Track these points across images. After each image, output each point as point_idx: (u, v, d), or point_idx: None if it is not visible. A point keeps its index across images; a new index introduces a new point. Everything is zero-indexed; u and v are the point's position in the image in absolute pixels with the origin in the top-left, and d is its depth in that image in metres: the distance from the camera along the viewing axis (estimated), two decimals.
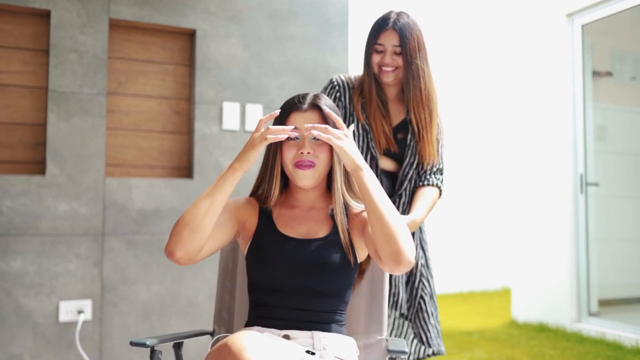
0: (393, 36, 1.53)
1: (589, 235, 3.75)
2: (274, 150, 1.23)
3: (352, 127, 1.22)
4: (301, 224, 1.25)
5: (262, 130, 1.15)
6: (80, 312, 2.22)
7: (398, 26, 1.53)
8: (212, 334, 1.40)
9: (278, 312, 1.19)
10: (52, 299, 2.19)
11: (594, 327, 3.60)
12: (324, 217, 1.25)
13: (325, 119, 1.20)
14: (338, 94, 1.63)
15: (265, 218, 1.25)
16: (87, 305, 2.24)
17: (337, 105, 1.64)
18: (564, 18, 3.88)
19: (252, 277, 1.23)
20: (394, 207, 1.12)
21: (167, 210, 2.39)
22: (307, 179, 1.20)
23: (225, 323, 1.40)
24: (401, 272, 1.08)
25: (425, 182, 1.60)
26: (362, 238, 1.22)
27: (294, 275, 1.18)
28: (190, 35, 2.54)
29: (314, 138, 1.19)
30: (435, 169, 1.63)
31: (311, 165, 1.18)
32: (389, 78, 1.57)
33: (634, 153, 3.94)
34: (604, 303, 3.81)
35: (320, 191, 1.28)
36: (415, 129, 1.57)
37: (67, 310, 2.20)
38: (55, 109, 2.25)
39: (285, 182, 1.30)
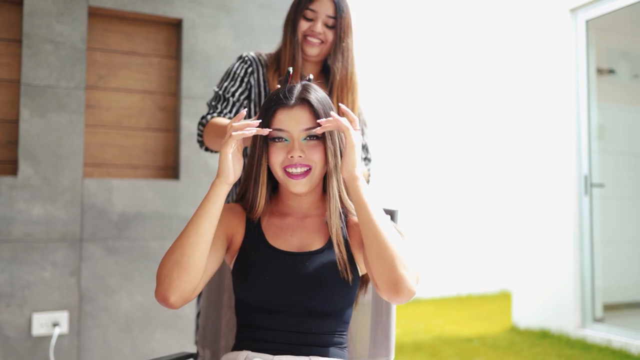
0: (329, 5, 1.38)
1: (593, 237, 3.64)
2: (259, 155, 1.06)
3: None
4: (294, 234, 1.09)
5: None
6: (55, 325, 2.06)
7: None
8: (195, 356, 1.24)
9: (270, 334, 1.04)
10: (25, 310, 2.03)
11: (599, 334, 3.49)
12: (320, 226, 1.10)
13: (317, 115, 1.04)
14: (250, 69, 1.46)
15: (253, 228, 1.10)
16: (63, 317, 2.07)
17: (248, 82, 1.47)
18: (568, 13, 3.77)
19: (239, 296, 1.07)
20: (393, 226, 0.97)
21: (151, 214, 2.24)
22: (301, 186, 1.04)
23: (210, 344, 1.24)
24: (401, 302, 0.93)
25: None
26: (361, 253, 1.06)
27: (286, 293, 1.03)
28: (176, 25, 2.40)
29: (307, 137, 1.03)
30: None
31: (306, 172, 1.03)
32: (314, 51, 1.40)
33: (636, 153, 3.85)
34: (608, 307, 3.71)
35: (315, 196, 1.12)
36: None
37: (41, 323, 2.04)
38: (29, 104, 2.09)
39: (274, 186, 1.14)
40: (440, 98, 5.57)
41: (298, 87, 1.06)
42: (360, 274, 1.09)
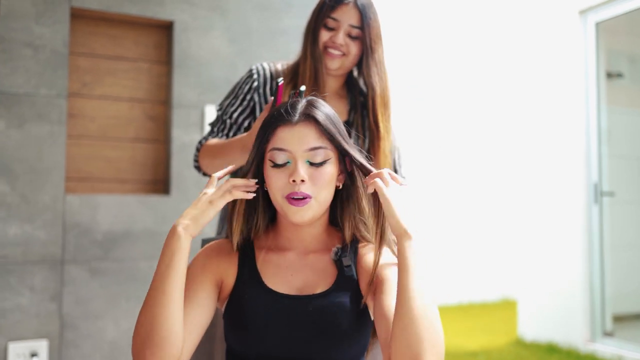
0: (353, 13, 1.25)
1: (603, 244, 3.55)
2: (256, 177, 0.95)
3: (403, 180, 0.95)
4: (295, 274, 0.94)
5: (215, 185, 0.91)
6: (33, 355, 1.92)
7: (360, 2, 1.26)
8: None
9: None
10: (0, 340, 1.87)
11: (609, 349, 3.38)
12: (325, 264, 0.95)
13: (324, 133, 0.91)
14: (255, 84, 1.34)
15: (247, 267, 0.95)
16: (42, 346, 1.92)
17: (251, 100, 1.35)
18: (577, 15, 3.67)
19: (232, 346, 0.93)
20: (432, 296, 0.81)
21: (140, 233, 2.10)
22: (301, 215, 0.90)
23: None
24: None
25: None
26: (372, 300, 0.91)
27: (287, 343, 0.88)
28: (167, 28, 2.26)
29: (311, 162, 0.90)
30: None
31: (306, 198, 0.89)
32: (334, 64, 1.28)
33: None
34: (618, 319, 3.62)
35: (320, 228, 0.97)
36: (370, 136, 1.31)
37: (18, 353, 1.90)
38: (5, 114, 1.94)
39: (272, 216, 1.00)
40: (443, 99, 5.47)
41: (303, 102, 0.93)
42: (372, 318, 0.94)
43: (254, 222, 0.97)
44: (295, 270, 0.94)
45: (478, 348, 3.67)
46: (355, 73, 1.38)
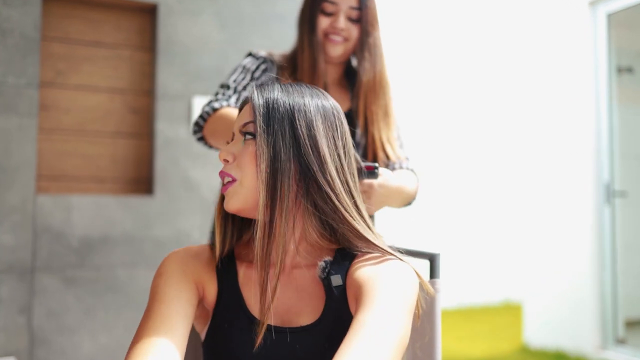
0: None
1: (615, 248, 3.45)
2: None
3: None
4: (278, 296, 0.77)
5: None
6: None
7: None
8: None
9: None
10: None
11: (621, 356, 3.30)
12: (311, 282, 0.77)
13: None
14: (264, 67, 1.29)
15: (228, 285, 0.79)
16: None
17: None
18: (587, 6, 3.58)
19: None
20: None
21: (120, 238, 1.96)
22: (228, 199, 0.77)
23: None
24: None
25: (392, 169, 1.22)
26: None
27: None
28: (151, 12, 2.12)
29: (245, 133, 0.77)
30: (402, 166, 1.25)
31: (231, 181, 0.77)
32: (337, 51, 1.23)
33: None
34: (630, 324, 3.53)
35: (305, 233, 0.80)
36: (363, 122, 1.26)
37: None
38: None
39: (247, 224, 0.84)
40: (449, 96, 5.38)
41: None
42: None
43: (229, 228, 0.81)
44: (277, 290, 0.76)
45: (481, 355, 3.57)
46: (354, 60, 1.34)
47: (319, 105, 0.77)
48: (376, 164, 0.98)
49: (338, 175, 0.75)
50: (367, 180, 0.97)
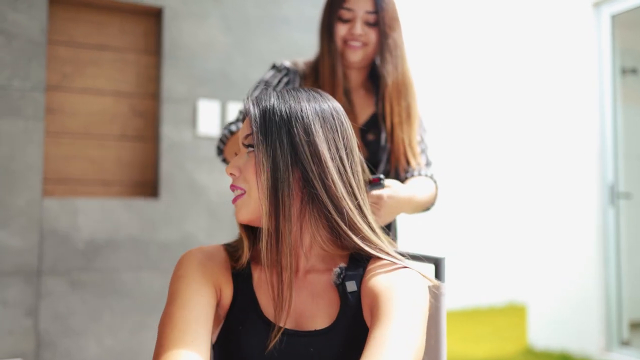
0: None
1: (620, 249, 3.43)
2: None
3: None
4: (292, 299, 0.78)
5: None
6: None
7: None
8: None
9: None
10: None
11: (626, 358, 3.28)
12: (326, 287, 0.78)
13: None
14: (286, 80, 1.30)
15: (243, 287, 0.79)
16: None
17: None
18: (590, 7, 3.55)
19: None
20: None
21: (125, 241, 1.95)
22: (238, 210, 0.79)
23: None
24: None
25: (410, 176, 1.23)
26: None
27: None
28: (156, 15, 2.11)
29: (248, 145, 0.78)
30: (420, 173, 1.25)
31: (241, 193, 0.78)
32: (357, 56, 1.24)
33: None
34: (635, 325, 3.50)
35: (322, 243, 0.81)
36: (389, 125, 1.26)
37: None
38: None
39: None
40: (453, 96, 5.35)
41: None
42: None
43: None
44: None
45: (485, 356, 3.55)
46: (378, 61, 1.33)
47: (317, 108, 0.77)
48: (381, 176, 0.99)
49: (341, 177, 0.75)
50: (376, 192, 0.98)
